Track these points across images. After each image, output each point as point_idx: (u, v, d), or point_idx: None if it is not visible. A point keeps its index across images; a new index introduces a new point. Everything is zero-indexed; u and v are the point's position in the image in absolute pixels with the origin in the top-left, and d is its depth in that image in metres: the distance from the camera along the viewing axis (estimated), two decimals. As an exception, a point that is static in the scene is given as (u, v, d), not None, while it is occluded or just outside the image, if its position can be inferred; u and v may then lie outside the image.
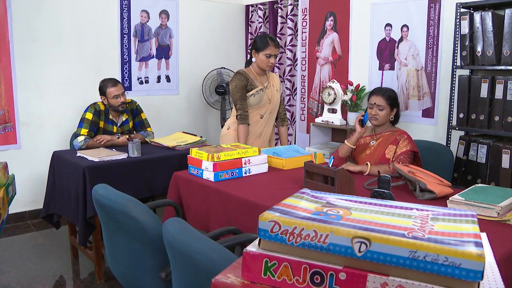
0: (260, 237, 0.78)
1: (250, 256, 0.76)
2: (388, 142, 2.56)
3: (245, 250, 0.77)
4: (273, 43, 2.92)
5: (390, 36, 3.51)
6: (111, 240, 1.77)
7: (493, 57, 2.70)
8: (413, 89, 3.39)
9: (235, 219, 2.08)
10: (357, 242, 0.69)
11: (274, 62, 2.96)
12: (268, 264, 0.75)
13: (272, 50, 2.91)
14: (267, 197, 2.02)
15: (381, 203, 0.89)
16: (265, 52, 2.91)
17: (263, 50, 2.92)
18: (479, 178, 2.82)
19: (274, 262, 0.74)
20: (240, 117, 2.95)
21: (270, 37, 2.95)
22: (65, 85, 3.72)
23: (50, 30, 3.59)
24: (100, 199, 1.70)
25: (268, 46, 2.90)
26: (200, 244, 1.22)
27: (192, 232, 1.29)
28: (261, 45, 2.92)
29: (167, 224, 1.39)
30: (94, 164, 2.61)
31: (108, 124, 3.25)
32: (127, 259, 1.69)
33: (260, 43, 2.93)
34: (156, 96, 4.27)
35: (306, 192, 0.93)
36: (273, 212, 0.79)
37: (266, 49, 2.91)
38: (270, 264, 0.75)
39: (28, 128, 3.59)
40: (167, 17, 4.24)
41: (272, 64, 2.96)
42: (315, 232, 0.72)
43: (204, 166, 2.32)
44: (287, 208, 0.83)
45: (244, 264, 0.77)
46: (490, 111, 2.75)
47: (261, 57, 2.94)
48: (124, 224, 1.63)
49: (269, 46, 2.90)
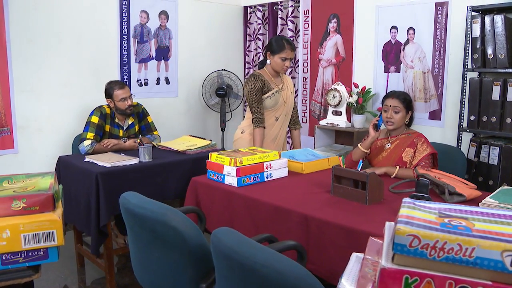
0: (396, 252, 0.73)
1: (388, 273, 0.72)
2: (405, 145, 2.56)
3: (381, 266, 0.72)
4: (290, 46, 2.86)
5: (395, 38, 3.52)
6: (143, 251, 1.70)
7: (505, 60, 2.73)
8: (420, 91, 3.41)
9: (264, 225, 2.03)
10: (508, 255, 0.65)
11: (289, 66, 2.91)
12: (408, 281, 0.70)
13: (288, 54, 2.86)
14: (298, 203, 1.98)
15: (482, 211, 0.86)
16: (281, 55, 2.86)
17: (279, 53, 2.86)
18: (491, 179, 2.85)
19: (416, 278, 0.70)
20: (256, 120, 2.89)
21: (286, 40, 2.90)
22: (63, 88, 3.59)
23: (47, 31, 3.45)
24: (134, 208, 1.62)
25: (284, 49, 2.85)
26: (264, 255, 1.16)
27: (251, 243, 1.24)
28: (277, 48, 2.86)
29: (218, 235, 1.33)
30: (106, 170, 2.51)
31: (114, 128, 3.15)
32: (163, 271, 1.62)
33: (276, 45, 2.87)
34: (155, 98, 4.17)
35: (410, 202, 0.89)
36: (409, 226, 0.75)
37: (282, 52, 2.86)
38: (411, 280, 0.70)
39: (25, 132, 3.44)
40: (166, 18, 4.15)
41: (287, 67, 2.91)
42: (460, 245, 0.68)
43: (226, 171, 2.26)
44: (413, 220, 0.78)
45: (381, 281, 0.72)
46: (502, 113, 2.78)
47: (277, 60, 2.88)
48: (161, 234, 1.56)
49: (285, 49, 2.85)
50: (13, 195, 0.92)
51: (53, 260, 0.94)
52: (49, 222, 0.90)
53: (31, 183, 1.02)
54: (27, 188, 0.96)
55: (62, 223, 0.94)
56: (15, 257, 0.90)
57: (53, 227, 0.90)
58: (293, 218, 1.91)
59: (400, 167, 2.49)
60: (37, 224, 0.89)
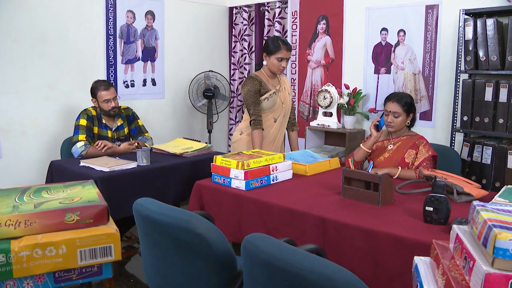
0: (497, 257, 0.72)
1: (493, 278, 0.71)
2: (407, 146, 2.59)
3: (486, 271, 0.71)
4: (286, 46, 2.85)
5: (386, 40, 3.56)
6: (163, 259, 1.64)
7: (498, 62, 2.81)
8: (410, 92, 3.46)
9: (277, 229, 2.00)
10: None
11: (285, 66, 2.90)
12: (513, 285, 0.70)
13: (284, 54, 2.85)
14: (311, 205, 1.97)
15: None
16: (276, 56, 2.85)
17: (274, 54, 2.85)
18: (484, 178, 2.92)
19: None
20: (254, 122, 2.87)
21: (282, 40, 2.89)
22: (48, 89, 3.45)
23: (32, 30, 3.31)
24: (153, 215, 1.56)
25: (280, 50, 2.84)
26: (311, 261, 1.14)
27: (293, 249, 1.22)
28: (273, 48, 2.85)
29: (254, 241, 1.30)
30: (105, 175, 2.43)
31: (102, 129, 3.07)
32: (186, 279, 1.57)
33: (272, 46, 2.85)
34: (142, 100, 4.08)
35: (481, 205, 0.89)
36: (508, 231, 0.74)
37: (278, 53, 2.84)
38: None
39: (9, 136, 3.29)
40: (152, 18, 4.06)
41: (284, 68, 2.89)
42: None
43: (233, 175, 2.22)
44: (506, 224, 0.77)
45: (485, 287, 0.71)
46: (494, 114, 2.86)
47: (273, 61, 2.86)
48: (185, 242, 1.51)
49: (281, 49, 2.84)
50: (63, 207, 0.86)
51: (107, 276, 0.88)
52: (106, 236, 0.85)
53: (74, 193, 0.96)
54: (74, 200, 0.91)
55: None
56: (68, 274, 0.85)
57: (111, 241, 0.85)
58: (309, 221, 1.89)
59: (402, 167, 2.52)
60: (94, 239, 0.84)
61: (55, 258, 0.81)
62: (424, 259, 0.93)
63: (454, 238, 0.88)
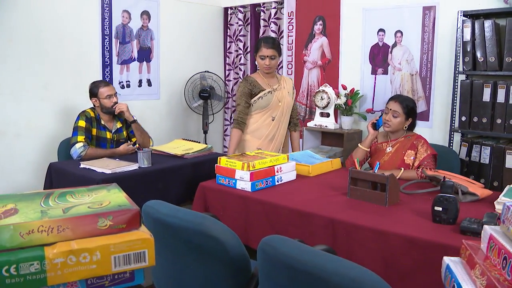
0: None
1: None
2: (406, 147, 2.60)
3: None
4: (266, 44, 2.87)
5: (383, 41, 3.58)
6: (175, 263, 1.62)
7: (496, 63, 2.84)
8: (407, 93, 3.49)
9: (284, 230, 2.00)
10: None
11: (270, 64, 2.90)
12: None
13: (264, 52, 2.87)
14: (319, 206, 1.97)
15: None
16: (259, 54, 2.91)
17: (257, 53, 2.91)
18: (483, 178, 2.95)
19: None
20: (236, 121, 2.93)
21: (264, 38, 2.95)
22: (43, 90, 3.40)
23: (27, 30, 3.26)
24: (165, 218, 1.55)
25: (260, 48, 2.88)
26: (334, 263, 1.14)
27: (314, 250, 1.21)
28: (256, 48, 2.93)
29: (272, 243, 1.30)
30: (108, 177, 2.40)
31: (101, 130, 3.03)
32: (201, 283, 1.56)
33: (255, 46, 2.94)
34: (138, 101, 4.04)
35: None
36: None
37: (259, 51, 2.90)
38: None
39: (4, 137, 3.23)
40: (148, 18, 4.03)
41: (268, 65, 2.90)
42: None
43: (239, 176, 2.21)
44: None
45: None
46: (492, 114, 2.90)
47: (258, 60, 2.94)
48: (199, 245, 1.50)
49: (261, 47, 2.88)
50: (94, 212, 0.84)
51: (139, 282, 0.86)
52: (141, 241, 0.82)
53: (100, 197, 0.93)
54: (103, 204, 0.88)
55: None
56: (101, 280, 0.82)
57: (145, 247, 0.83)
58: (317, 222, 1.89)
59: (404, 169, 2.53)
60: (128, 244, 0.81)
61: (89, 265, 0.79)
62: (454, 259, 0.93)
63: (488, 238, 0.88)
